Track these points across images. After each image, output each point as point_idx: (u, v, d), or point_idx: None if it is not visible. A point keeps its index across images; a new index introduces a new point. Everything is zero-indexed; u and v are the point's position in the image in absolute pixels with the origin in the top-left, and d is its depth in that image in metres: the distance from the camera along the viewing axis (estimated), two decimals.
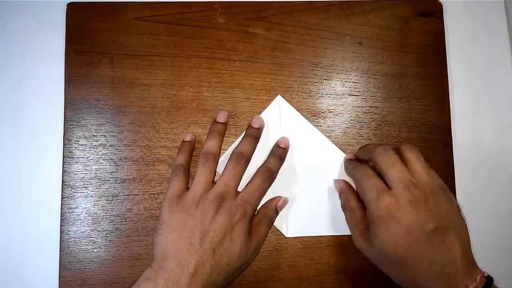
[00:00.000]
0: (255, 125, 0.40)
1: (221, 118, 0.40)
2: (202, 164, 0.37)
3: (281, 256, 0.41)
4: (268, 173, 0.37)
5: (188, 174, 0.38)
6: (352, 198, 0.38)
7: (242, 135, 0.40)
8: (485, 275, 0.30)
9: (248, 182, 0.37)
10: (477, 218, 0.44)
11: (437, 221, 0.31)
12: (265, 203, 0.39)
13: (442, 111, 0.44)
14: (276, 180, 0.39)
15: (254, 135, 0.39)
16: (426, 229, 0.30)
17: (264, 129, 0.41)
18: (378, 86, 0.44)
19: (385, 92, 0.44)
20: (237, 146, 0.38)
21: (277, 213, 0.39)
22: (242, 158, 0.37)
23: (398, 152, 0.35)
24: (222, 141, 0.39)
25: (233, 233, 0.33)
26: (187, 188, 0.37)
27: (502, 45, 0.47)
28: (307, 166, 0.41)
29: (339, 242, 0.42)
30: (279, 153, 0.39)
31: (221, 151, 0.40)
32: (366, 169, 0.36)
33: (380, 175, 0.34)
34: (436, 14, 0.45)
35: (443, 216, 0.31)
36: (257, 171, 0.37)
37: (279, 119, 0.42)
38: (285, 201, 0.40)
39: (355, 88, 0.44)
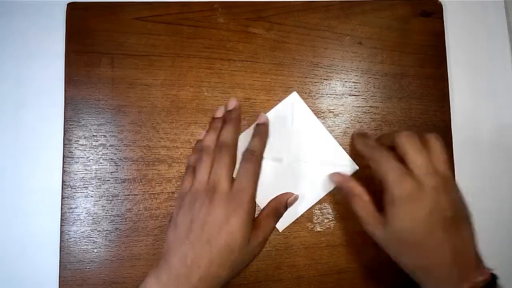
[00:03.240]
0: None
1: (218, 113, 0.40)
2: (199, 161, 0.36)
3: (281, 256, 0.41)
4: (251, 154, 0.37)
5: None
6: (356, 185, 0.37)
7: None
8: (492, 271, 0.31)
9: (238, 171, 0.36)
10: (477, 218, 0.44)
11: (455, 210, 0.32)
12: (276, 196, 0.39)
13: (442, 111, 0.44)
14: (281, 176, 0.40)
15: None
16: (446, 215, 0.31)
17: (275, 124, 0.41)
18: (378, 86, 0.44)
19: (385, 92, 0.44)
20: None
21: (286, 208, 0.39)
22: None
23: (422, 139, 0.35)
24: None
25: (231, 224, 0.33)
26: None
27: (502, 45, 0.47)
28: (311, 164, 0.42)
29: (339, 242, 0.42)
30: (260, 131, 0.40)
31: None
32: (387, 150, 0.35)
33: (400, 160, 0.35)
34: (436, 14, 0.45)
35: (459, 206, 0.33)
36: (241, 156, 0.37)
37: (292, 115, 0.42)
38: (296, 198, 0.40)
39: (355, 88, 0.44)
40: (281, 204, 0.39)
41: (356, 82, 0.44)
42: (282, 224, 0.41)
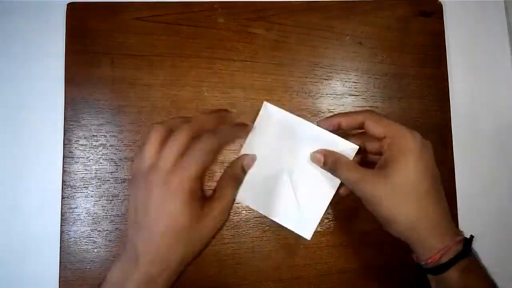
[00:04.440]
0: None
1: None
2: (147, 138, 0.34)
3: (281, 256, 0.41)
4: (206, 135, 0.33)
5: None
6: (341, 154, 0.36)
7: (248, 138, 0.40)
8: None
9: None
10: (477, 218, 0.44)
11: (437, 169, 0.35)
12: (231, 162, 0.38)
13: (442, 111, 0.44)
14: (285, 188, 0.38)
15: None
16: (436, 173, 0.34)
17: (260, 141, 0.39)
18: (378, 86, 0.44)
19: (385, 92, 0.44)
20: None
21: (244, 172, 0.37)
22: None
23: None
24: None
25: (169, 206, 0.31)
26: None
27: (502, 45, 0.47)
28: (312, 167, 0.39)
29: (339, 242, 0.42)
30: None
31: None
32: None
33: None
34: (436, 14, 0.45)
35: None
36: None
37: (274, 128, 0.39)
38: (253, 159, 0.37)
39: (355, 88, 0.44)
40: (237, 168, 0.37)
41: (356, 82, 0.44)
42: (309, 232, 0.39)
